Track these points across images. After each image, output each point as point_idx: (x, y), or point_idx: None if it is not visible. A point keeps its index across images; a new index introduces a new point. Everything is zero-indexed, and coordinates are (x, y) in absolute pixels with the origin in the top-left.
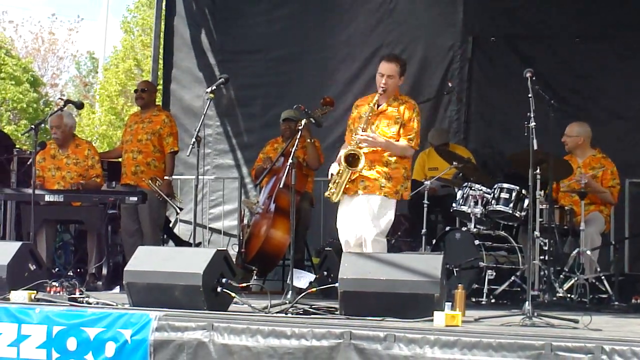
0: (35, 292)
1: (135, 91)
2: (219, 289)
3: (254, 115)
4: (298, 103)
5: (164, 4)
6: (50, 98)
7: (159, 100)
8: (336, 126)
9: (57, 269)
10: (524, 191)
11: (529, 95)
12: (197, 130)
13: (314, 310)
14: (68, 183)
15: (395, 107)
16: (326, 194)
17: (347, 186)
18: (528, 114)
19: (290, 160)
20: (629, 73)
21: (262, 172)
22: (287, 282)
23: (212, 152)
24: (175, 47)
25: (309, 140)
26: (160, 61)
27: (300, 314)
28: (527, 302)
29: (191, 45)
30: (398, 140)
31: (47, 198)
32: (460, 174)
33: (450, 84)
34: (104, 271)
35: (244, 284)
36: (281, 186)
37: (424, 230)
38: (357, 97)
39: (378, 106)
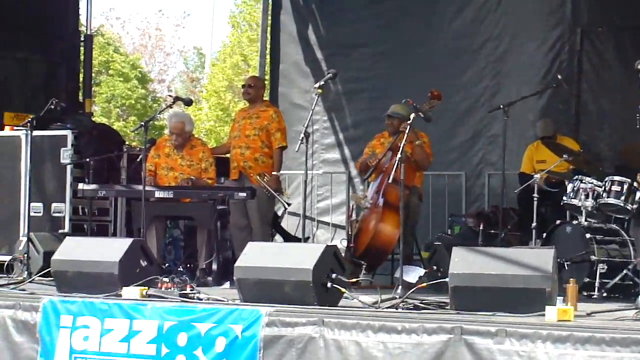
0: (146, 288)
1: (243, 86)
2: (329, 284)
3: (361, 109)
4: (405, 96)
5: None
6: (157, 94)
7: (266, 96)
8: (442, 120)
9: (167, 265)
10: (635, 183)
11: None
12: (305, 125)
13: (424, 305)
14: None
15: None
16: None
17: None
18: (638, 105)
19: (399, 155)
20: None
21: (367, 166)
22: (396, 276)
23: (319, 147)
24: (282, 42)
25: (417, 142)
26: (267, 56)
27: (411, 309)
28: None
29: (298, 40)
30: None
31: (157, 194)
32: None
33: (559, 77)
34: (214, 267)
35: (354, 279)
36: (390, 181)
37: (534, 224)
38: (465, 90)
39: None
